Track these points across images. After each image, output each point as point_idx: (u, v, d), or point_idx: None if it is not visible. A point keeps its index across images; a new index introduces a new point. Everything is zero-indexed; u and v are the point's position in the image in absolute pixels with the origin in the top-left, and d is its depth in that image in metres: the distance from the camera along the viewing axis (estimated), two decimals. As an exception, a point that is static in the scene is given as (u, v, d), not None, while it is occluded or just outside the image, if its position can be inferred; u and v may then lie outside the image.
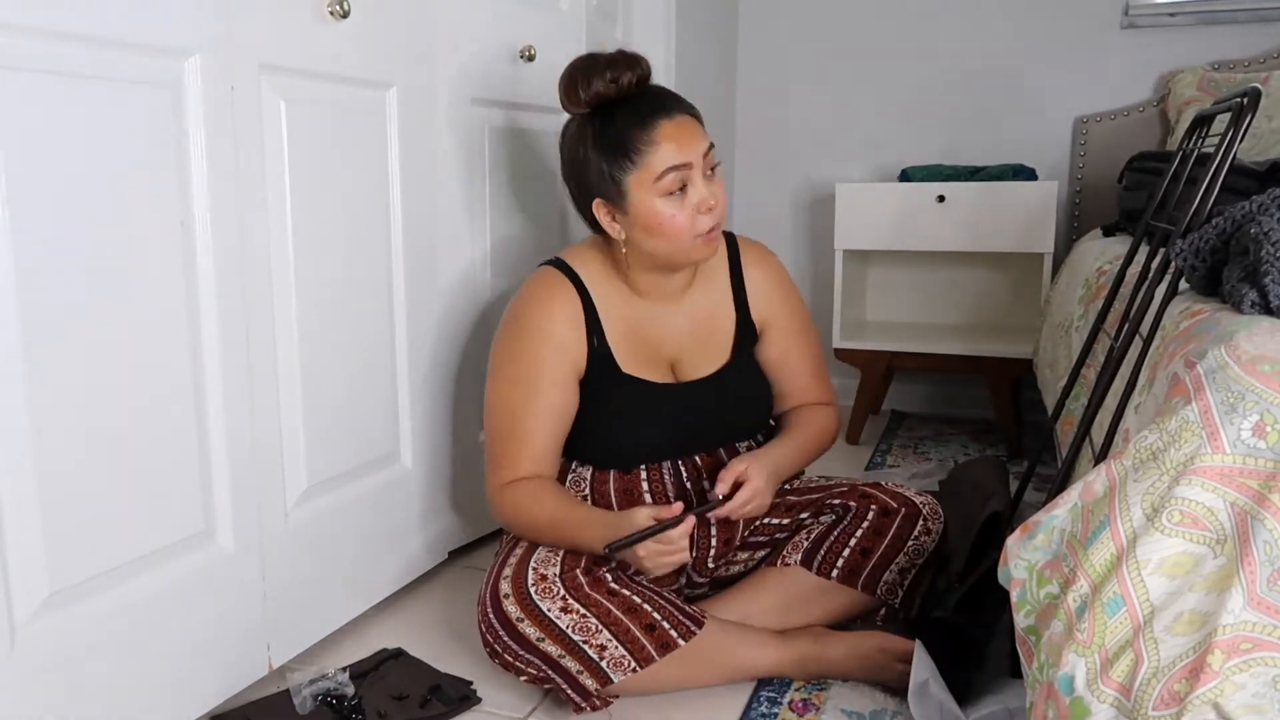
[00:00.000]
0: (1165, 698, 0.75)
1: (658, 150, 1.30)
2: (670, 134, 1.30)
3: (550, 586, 1.25)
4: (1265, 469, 0.78)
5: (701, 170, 1.32)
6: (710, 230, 1.35)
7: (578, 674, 1.24)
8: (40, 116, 0.96)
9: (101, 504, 1.07)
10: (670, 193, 1.31)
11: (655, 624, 1.25)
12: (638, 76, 1.33)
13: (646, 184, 1.31)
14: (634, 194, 1.32)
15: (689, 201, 1.32)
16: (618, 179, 1.32)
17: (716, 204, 1.33)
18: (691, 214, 1.32)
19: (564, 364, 1.40)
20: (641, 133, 1.30)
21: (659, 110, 1.31)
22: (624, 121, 1.31)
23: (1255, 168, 1.57)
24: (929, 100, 2.81)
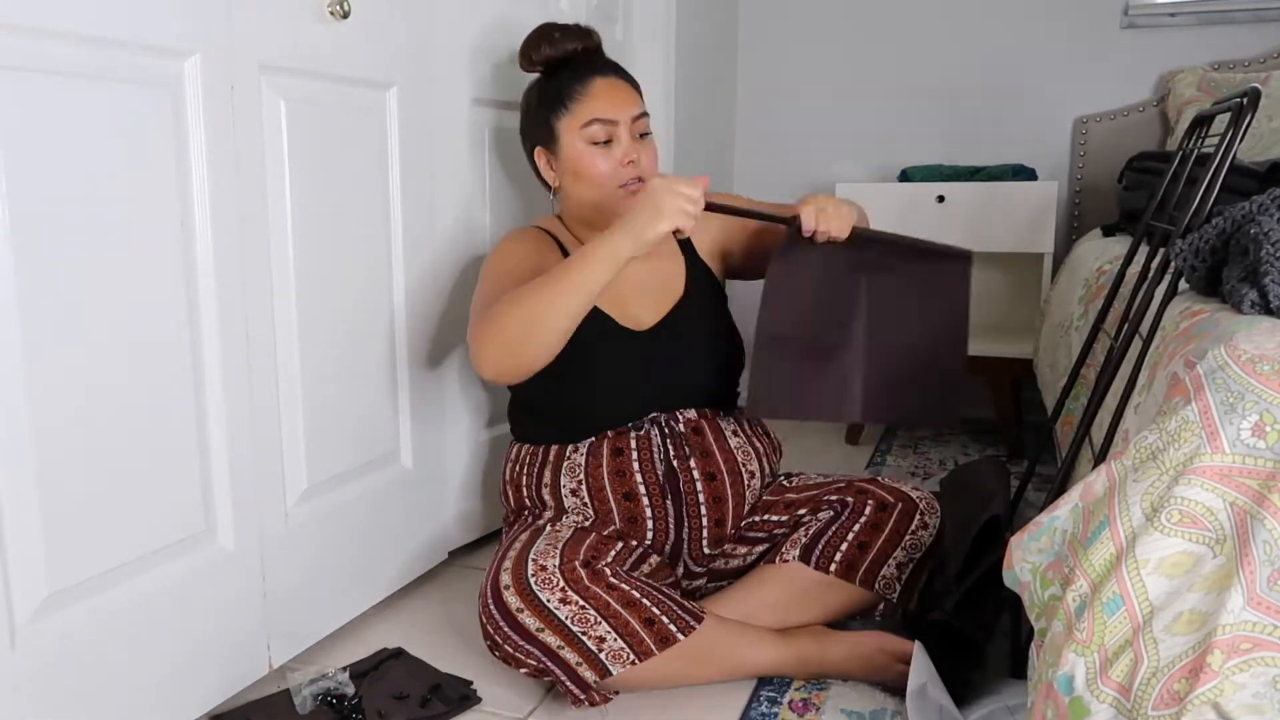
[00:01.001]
0: (1165, 697, 0.75)
1: (586, 101, 1.45)
2: (601, 90, 1.46)
3: (550, 578, 1.26)
4: (1265, 469, 0.78)
5: (629, 131, 1.46)
6: (633, 181, 1.45)
7: (576, 665, 1.24)
8: (40, 116, 0.96)
9: (101, 504, 1.07)
10: (595, 142, 1.45)
11: (654, 618, 1.26)
12: (584, 46, 1.50)
13: (574, 129, 1.46)
14: (564, 137, 1.47)
15: (612, 154, 1.45)
16: (552, 124, 1.48)
17: (639, 160, 1.46)
18: (614, 165, 1.45)
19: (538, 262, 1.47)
20: (576, 85, 1.46)
21: (595, 69, 1.48)
22: (565, 76, 1.48)
23: (1255, 168, 1.57)
24: (929, 100, 2.81)
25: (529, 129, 1.54)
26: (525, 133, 1.56)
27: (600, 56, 1.53)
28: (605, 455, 1.44)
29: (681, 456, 1.45)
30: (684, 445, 1.46)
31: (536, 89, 1.53)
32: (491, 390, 1.83)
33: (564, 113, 1.47)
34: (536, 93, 1.53)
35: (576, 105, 1.46)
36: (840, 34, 2.87)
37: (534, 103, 1.52)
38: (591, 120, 1.45)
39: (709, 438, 1.47)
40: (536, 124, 1.52)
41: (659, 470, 1.44)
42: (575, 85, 1.47)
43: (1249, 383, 0.79)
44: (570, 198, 1.52)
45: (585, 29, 1.52)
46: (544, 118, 1.50)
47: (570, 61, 1.50)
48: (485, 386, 1.82)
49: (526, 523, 1.46)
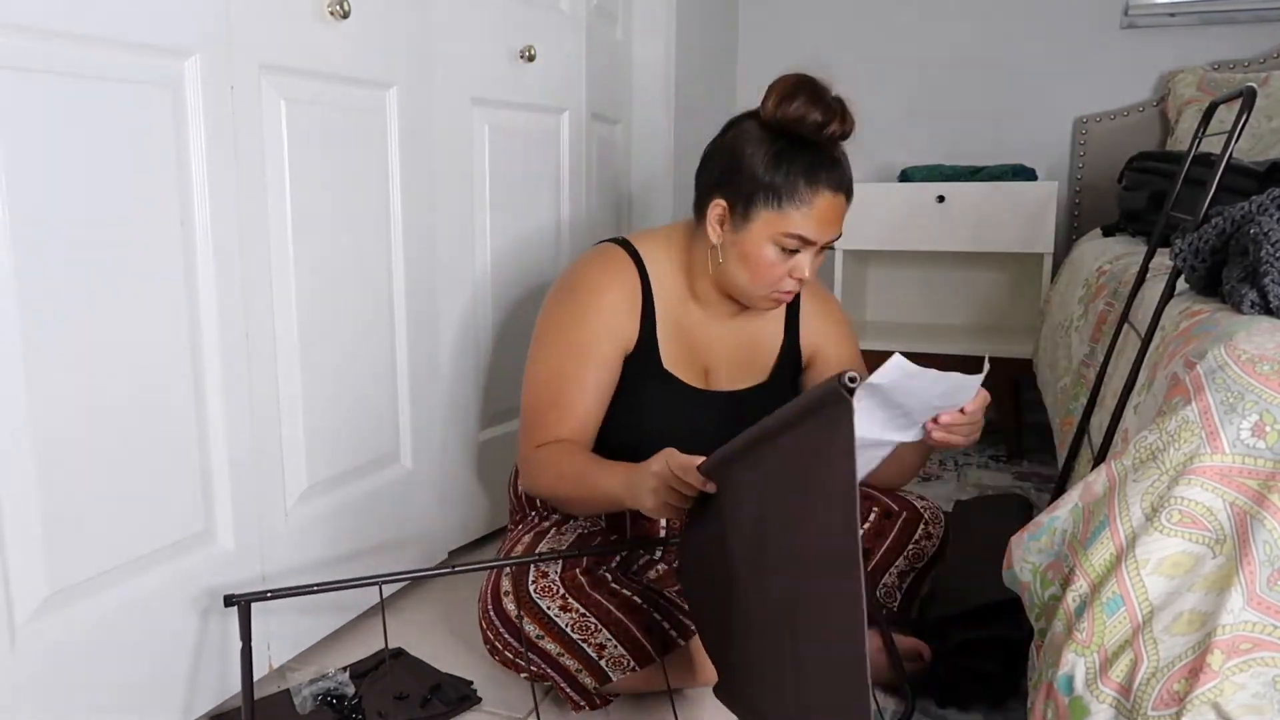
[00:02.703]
0: (1165, 698, 0.75)
1: (804, 213, 1.27)
2: (823, 209, 1.28)
3: (550, 585, 1.25)
4: (1265, 469, 0.78)
5: (817, 249, 1.31)
6: (787, 292, 1.34)
7: (576, 672, 1.24)
8: (40, 116, 0.96)
9: (101, 504, 1.07)
10: (783, 249, 1.29)
11: (655, 624, 1.25)
12: (842, 133, 1.29)
13: (772, 228, 1.28)
14: (757, 225, 1.29)
15: (791, 262, 1.31)
16: (755, 204, 1.28)
17: (807, 279, 1.33)
18: (785, 273, 1.31)
19: (615, 342, 1.36)
20: (806, 188, 1.27)
21: (831, 180, 1.28)
22: (801, 164, 1.27)
23: (1255, 168, 1.57)
24: (929, 100, 2.81)
25: (724, 175, 1.32)
26: (720, 171, 1.33)
27: (840, 151, 1.31)
28: None
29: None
30: None
31: (765, 145, 1.29)
32: (492, 391, 1.83)
33: (774, 204, 1.27)
34: (763, 150, 1.28)
35: (791, 210, 1.27)
36: (840, 34, 2.87)
37: (753, 158, 1.29)
38: (794, 235, 1.27)
39: None
40: (735, 182, 1.30)
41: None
42: (802, 189, 1.26)
43: (1249, 383, 0.79)
44: (720, 265, 1.35)
45: (845, 109, 1.28)
46: (750, 187, 1.28)
47: (811, 143, 1.27)
48: (484, 386, 1.82)
49: (531, 523, 1.45)
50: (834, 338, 1.48)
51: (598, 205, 2.19)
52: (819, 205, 1.27)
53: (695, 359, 1.42)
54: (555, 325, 1.37)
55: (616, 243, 1.43)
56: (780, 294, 1.34)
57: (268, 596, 1.20)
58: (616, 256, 1.40)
